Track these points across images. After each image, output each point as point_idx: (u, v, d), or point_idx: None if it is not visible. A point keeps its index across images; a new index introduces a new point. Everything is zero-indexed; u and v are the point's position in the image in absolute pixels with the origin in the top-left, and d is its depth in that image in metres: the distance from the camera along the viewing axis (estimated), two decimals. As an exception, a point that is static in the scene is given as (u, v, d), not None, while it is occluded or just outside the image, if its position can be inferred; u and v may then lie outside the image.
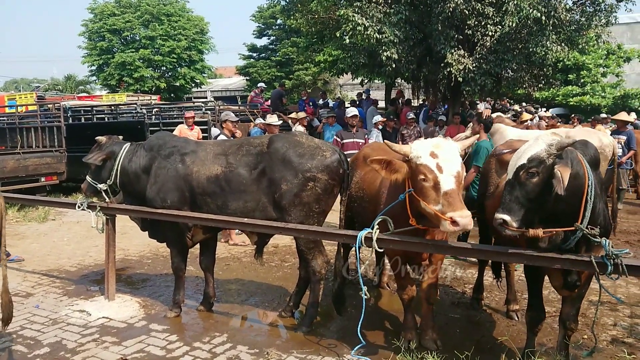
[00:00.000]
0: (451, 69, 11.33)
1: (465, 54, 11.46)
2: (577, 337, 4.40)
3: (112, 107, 15.45)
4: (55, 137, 11.66)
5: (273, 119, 8.93)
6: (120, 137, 5.57)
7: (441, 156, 3.51)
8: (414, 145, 3.67)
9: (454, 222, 3.32)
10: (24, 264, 6.89)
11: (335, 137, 8.39)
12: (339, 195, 4.79)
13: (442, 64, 11.60)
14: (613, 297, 3.87)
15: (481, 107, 15.45)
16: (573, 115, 17.77)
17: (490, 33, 11.14)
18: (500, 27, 11.08)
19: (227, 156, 4.82)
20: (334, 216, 5.15)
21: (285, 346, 4.41)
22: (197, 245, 5.41)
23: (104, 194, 5.29)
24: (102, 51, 31.56)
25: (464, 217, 3.32)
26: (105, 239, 5.44)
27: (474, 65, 11.42)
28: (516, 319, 4.96)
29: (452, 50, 11.38)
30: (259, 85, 19.47)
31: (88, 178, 5.36)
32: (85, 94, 29.24)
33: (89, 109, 15.29)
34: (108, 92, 29.51)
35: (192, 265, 6.83)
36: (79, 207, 5.40)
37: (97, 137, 5.42)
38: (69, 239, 8.30)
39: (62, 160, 11.12)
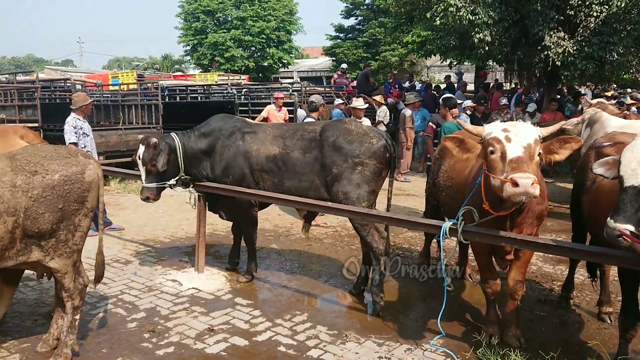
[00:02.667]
0: (549, 52, 10.70)
1: (566, 36, 10.75)
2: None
3: (205, 87, 16.12)
4: (153, 115, 12.37)
5: (359, 102, 8.91)
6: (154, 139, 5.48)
7: (512, 130, 3.44)
8: (488, 125, 3.64)
9: (514, 184, 3.16)
10: (124, 233, 7.44)
11: (430, 123, 7.90)
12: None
13: (538, 47, 10.98)
14: None
15: (587, 93, 14.42)
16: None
17: (595, 13, 10.37)
18: (607, 7, 10.26)
19: (284, 139, 5.22)
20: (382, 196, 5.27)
21: (364, 330, 4.47)
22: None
23: (175, 186, 5.51)
24: (197, 32, 32.88)
25: (525, 178, 3.14)
26: (197, 214, 5.75)
27: (574, 48, 10.70)
28: (609, 322, 4.67)
29: (551, 32, 10.72)
30: (341, 66, 19.45)
31: (150, 185, 5.34)
32: (180, 73, 30.70)
33: (184, 88, 16.07)
34: (201, 71, 30.78)
35: (276, 243, 7.07)
36: (171, 186, 5.53)
37: (142, 139, 5.35)
38: (163, 211, 8.85)
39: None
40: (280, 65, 35.20)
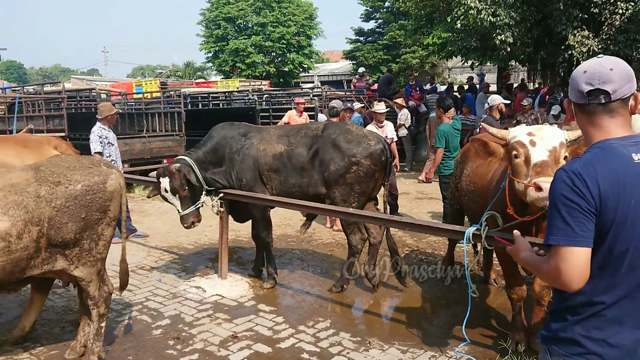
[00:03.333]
0: (573, 51, 10.52)
1: (590, 35, 10.56)
2: None
3: (226, 94, 16.27)
4: (176, 122, 12.54)
5: (380, 107, 8.86)
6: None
7: (537, 134, 3.37)
8: (513, 129, 3.58)
9: (538, 188, 3.09)
10: (148, 240, 7.54)
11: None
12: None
13: (562, 46, 10.81)
14: None
15: None
16: None
17: (620, 11, 10.16)
18: (632, 3, 10.05)
19: (288, 137, 5.46)
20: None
21: (388, 337, 4.44)
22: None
23: (208, 201, 5.61)
24: (218, 39, 33.25)
25: (549, 182, 3.06)
26: (220, 221, 5.79)
27: (599, 47, 10.49)
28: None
29: (575, 31, 10.54)
30: (359, 70, 19.40)
31: (189, 210, 5.47)
32: (202, 80, 31.07)
33: (206, 95, 16.25)
34: (222, 78, 31.10)
35: (298, 249, 7.08)
36: (204, 203, 5.62)
37: (161, 171, 5.47)
38: (186, 218, 8.93)
39: (182, 144, 11.94)
40: (301, 70, 35.34)
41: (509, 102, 11.85)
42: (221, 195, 5.57)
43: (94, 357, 3.80)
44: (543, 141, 3.33)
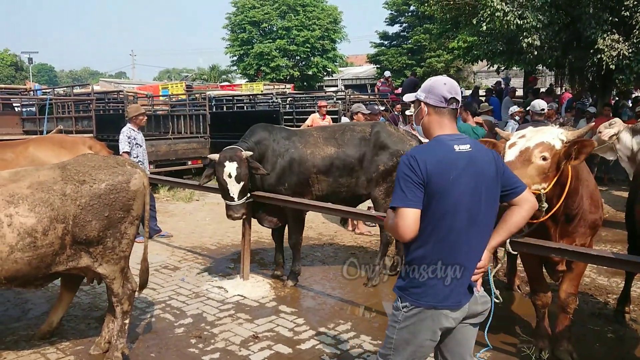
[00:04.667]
0: (602, 55, 10.29)
1: (620, 39, 10.32)
2: None
3: (251, 97, 16.41)
4: (201, 124, 12.69)
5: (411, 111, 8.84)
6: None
7: (526, 135, 3.37)
8: (517, 132, 3.59)
9: None
10: (172, 240, 7.64)
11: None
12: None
13: (591, 50, 10.58)
14: None
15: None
16: None
17: (652, 14, 9.92)
18: (664, 7, 9.81)
19: (336, 139, 5.61)
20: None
21: (408, 341, 4.40)
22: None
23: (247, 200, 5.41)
24: (243, 42, 33.58)
25: None
26: (243, 222, 5.83)
27: (630, 50, 10.25)
28: (669, 338, 4.44)
29: (605, 35, 10.31)
30: (385, 74, 19.37)
31: (241, 201, 5.28)
32: (227, 83, 31.41)
33: (231, 98, 16.41)
34: (247, 81, 31.37)
35: (320, 251, 7.08)
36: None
37: (227, 157, 5.19)
38: (210, 218, 9.04)
39: (207, 146, 12.09)
40: (325, 73, 35.45)
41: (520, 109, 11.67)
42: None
43: (117, 354, 3.87)
44: (522, 141, 3.34)
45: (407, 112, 8.59)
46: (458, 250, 2.43)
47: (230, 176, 5.16)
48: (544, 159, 3.28)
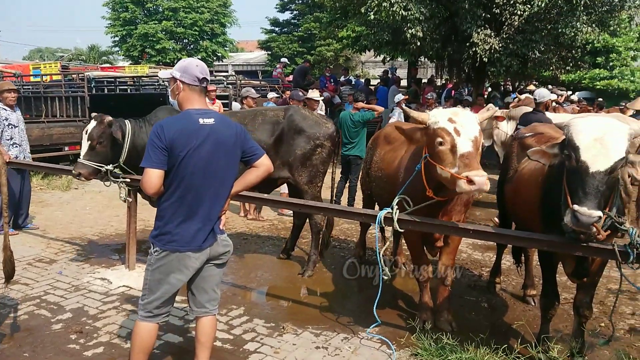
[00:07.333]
0: (477, 48, 11.07)
1: (492, 34, 11.16)
2: (595, 325, 4.38)
3: (135, 79, 15.54)
4: (79, 107, 11.76)
5: (314, 94, 8.82)
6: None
7: (459, 121, 3.47)
8: (433, 112, 3.66)
9: (470, 181, 3.24)
10: (47, 231, 7.03)
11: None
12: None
13: (467, 44, 11.34)
14: (633, 286, 3.83)
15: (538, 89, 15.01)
16: (599, 99, 17.30)
17: (518, 12, 10.81)
18: (529, 6, 10.76)
19: (245, 125, 5.28)
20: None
21: (301, 321, 4.46)
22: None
23: (109, 174, 5.18)
24: (125, 22, 31.65)
25: (480, 176, 3.24)
26: (127, 209, 5.52)
27: (500, 45, 11.13)
28: (533, 304, 4.93)
29: (479, 30, 11.10)
30: (281, 60, 19.33)
31: (87, 162, 5.15)
32: (108, 65, 29.41)
33: (112, 80, 15.41)
34: (130, 64, 29.64)
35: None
36: (107, 172, 5.19)
37: (96, 115, 5.24)
38: (91, 207, 8.46)
39: (85, 130, 11.23)
40: (215, 58, 34.52)
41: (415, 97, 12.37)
42: (127, 180, 5.24)
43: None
44: (465, 129, 3.43)
45: (312, 96, 8.59)
46: (199, 204, 2.95)
47: (86, 132, 5.21)
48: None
